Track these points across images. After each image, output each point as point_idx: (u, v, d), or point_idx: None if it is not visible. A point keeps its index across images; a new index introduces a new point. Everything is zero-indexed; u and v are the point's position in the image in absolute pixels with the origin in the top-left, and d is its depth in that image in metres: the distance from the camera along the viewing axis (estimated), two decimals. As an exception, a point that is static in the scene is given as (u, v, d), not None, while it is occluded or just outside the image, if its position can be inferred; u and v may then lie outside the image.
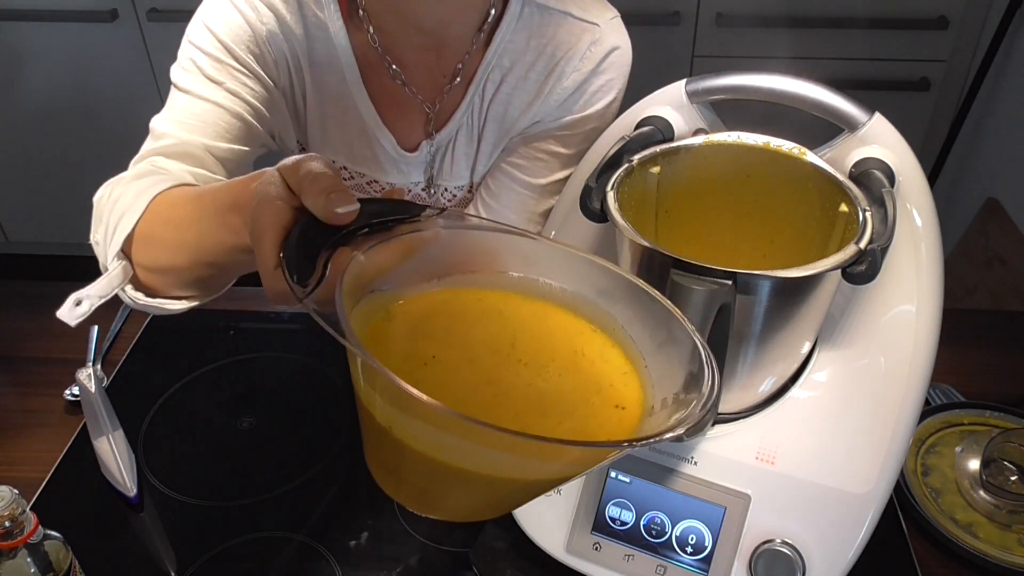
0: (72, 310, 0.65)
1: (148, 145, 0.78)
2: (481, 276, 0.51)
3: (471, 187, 0.97)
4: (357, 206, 0.46)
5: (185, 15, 0.85)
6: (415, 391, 0.36)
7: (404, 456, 0.43)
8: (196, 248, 0.63)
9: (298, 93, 0.87)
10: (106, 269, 0.69)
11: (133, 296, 0.70)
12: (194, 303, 0.71)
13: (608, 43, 0.86)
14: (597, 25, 0.86)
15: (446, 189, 0.96)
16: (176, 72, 0.81)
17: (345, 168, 0.94)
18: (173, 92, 0.81)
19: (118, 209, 0.68)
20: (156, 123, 0.79)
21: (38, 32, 1.99)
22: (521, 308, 0.50)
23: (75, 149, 2.18)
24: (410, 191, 0.96)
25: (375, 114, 0.88)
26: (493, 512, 0.52)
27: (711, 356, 0.44)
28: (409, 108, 0.89)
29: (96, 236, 0.72)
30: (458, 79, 0.87)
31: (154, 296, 0.70)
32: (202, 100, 0.79)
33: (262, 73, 0.82)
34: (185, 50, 0.81)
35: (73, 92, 2.08)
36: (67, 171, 2.22)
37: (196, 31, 0.81)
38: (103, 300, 0.66)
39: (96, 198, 0.74)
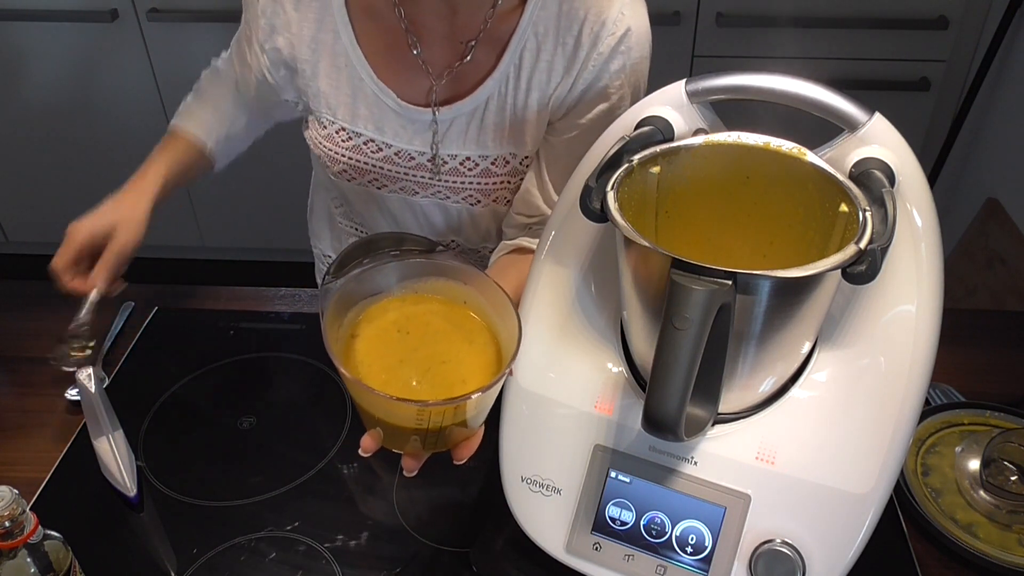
0: None
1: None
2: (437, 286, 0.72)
3: (507, 159, 0.97)
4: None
5: (185, 15, 0.86)
6: (331, 351, 0.63)
7: (355, 400, 0.68)
8: None
9: (289, 54, 0.92)
10: None
11: None
12: None
13: (631, 10, 0.88)
14: None
15: (468, 158, 0.96)
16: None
17: (343, 129, 0.95)
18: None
19: None
20: (216, 61, 1.06)
21: (38, 32, 1.99)
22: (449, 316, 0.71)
23: (75, 149, 2.18)
24: (412, 159, 0.96)
25: (370, 70, 0.91)
26: (415, 447, 0.67)
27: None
28: (415, 72, 0.91)
29: None
30: (471, 51, 0.88)
31: None
32: (238, 69, 0.99)
33: (263, 39, 0.92)
34: None
35: (73, 92, 2.08)
36: (67, 171, 2.22)
37: None
38: None
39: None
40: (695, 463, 0.69)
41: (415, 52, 0.89)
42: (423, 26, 0.88)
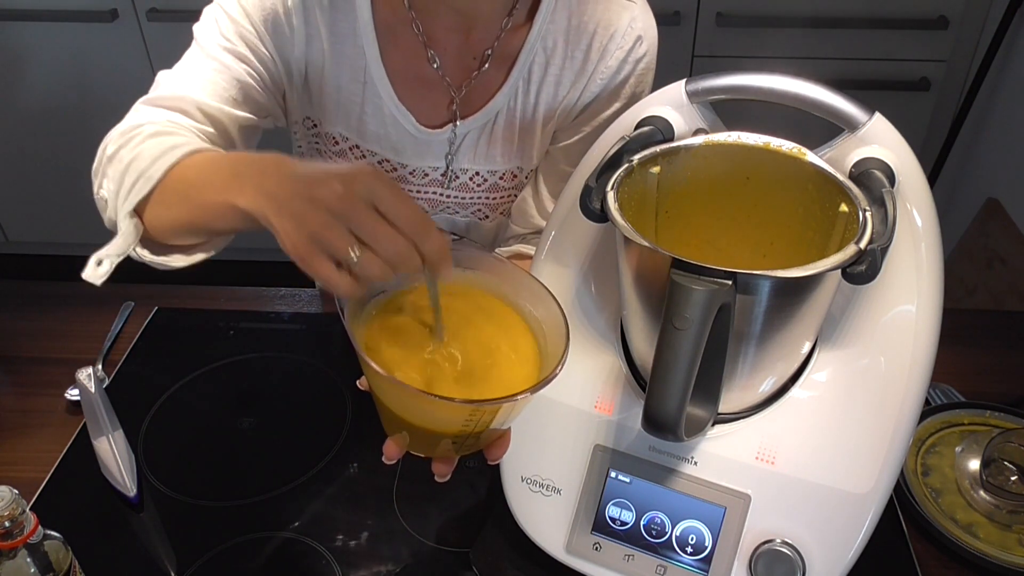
0: (95, 270, 0.67)
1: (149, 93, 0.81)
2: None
3: (514, 173, 0.97)
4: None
5: (185, 15, 0.86)
6: (365, 356, 0.54)
7: (378, 403, 0.61)
8: (199, 205, 0.66)
9: (316, 65, 0.87)
10: (112, 224, 0.72)
11: (140, 253, 0.72)
12: (196, 258, 0.74)
13: (642, 21, 0.88)
14: (634, 3, 0.88)
15: (477, 173, 0.96)
16: (196, 27, 0.84)
17: (357, 147, 0.94)
18: (191, 47, 0.84)
19: (134, 170, 0.70)
20: (161, 73, 0.83)
21: (38, 32, 1.99)
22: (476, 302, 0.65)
23: (75, 149, 2.17)
24: (426, 175, 0.95)
25: (391, 91, 0.89)
26: (447, 451, 0.62)
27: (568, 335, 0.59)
28: (434, 88, 0.90)
29: (103, 191, 0.73)
30: (486, 65, 0.88)
31: (158, 253, 0.73)
32: (210, 58, 0.81)
33: (275, 45, 0.84)
34: (209, 8, 0.84)
35: (73, 92, 2.08)
36: (67, 171, 2.22)
37: None
38: (120, 258, 0.69)
39: (107, 153, 0.75)
40: (695, 463, 0.69)
41: (435, 65, 0.88)
42: (438, 42, 0.88)
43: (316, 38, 0.85)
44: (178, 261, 0.74)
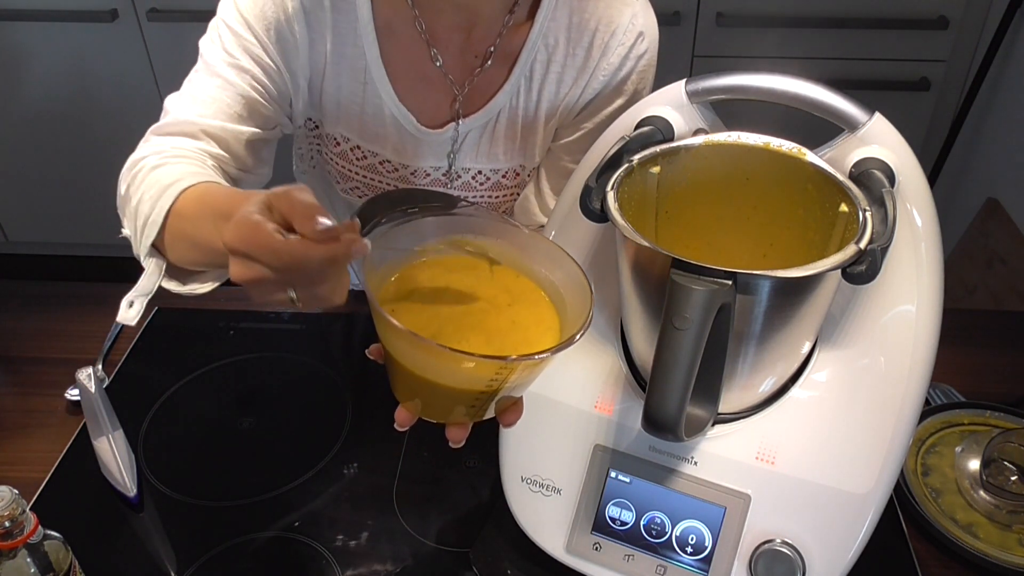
0: (127, 311, 0.72)
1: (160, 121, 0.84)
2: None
3: (516, 172, 0.97)
4: (332, 223, 0.50)
5: (185, 15, 0.86)
6: (388, 316, 0.52)
7: (395, 368, 0.59)
8: (197, 245, 0.70)
9: (318, 67, 0.87)
10: (138, 258, 0.76)
11: (169, 286, 0.77)
12: (215, 284, 0.79)
13: (643, 18, 0.88)
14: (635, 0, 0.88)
15: (479, 172, 0.96)
16: (202, 42, 0.85)
17: (358, 147, 0.94)
18: (198, 63, 0.85)
19: (141, 214, 0.74)
20: (168, 98, 0.84)
21: (38, 32, 1.99)
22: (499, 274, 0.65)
23: (75, 149, 2.18)
24: (429, 175, 0.95)
25: (392, 91, 0.89)
26: (461, 416, 0.62)
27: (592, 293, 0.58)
28: (436, 86, 0.90)
29: (125, 231, 0.78)
30: (489, 61, 0.88)
31: (185, 283, 0.77)
32: (214, 76, 0.82)
33: (279, 54, 0.84)
34: (214, 22, 0.84)
35: (73, 92, 2.08)
36: (67, 171, 2.22)
37: (225, 4, 0.84)
38: (149, 296, 0.74)
39: (120, 192, 0.79)
40: (695, 463, 0.69)
41: (438, 64, 0.88)
42: (440, 40, 0.88)
43: (319, 41, 0.85)
44: (204, 288, 0.78)
